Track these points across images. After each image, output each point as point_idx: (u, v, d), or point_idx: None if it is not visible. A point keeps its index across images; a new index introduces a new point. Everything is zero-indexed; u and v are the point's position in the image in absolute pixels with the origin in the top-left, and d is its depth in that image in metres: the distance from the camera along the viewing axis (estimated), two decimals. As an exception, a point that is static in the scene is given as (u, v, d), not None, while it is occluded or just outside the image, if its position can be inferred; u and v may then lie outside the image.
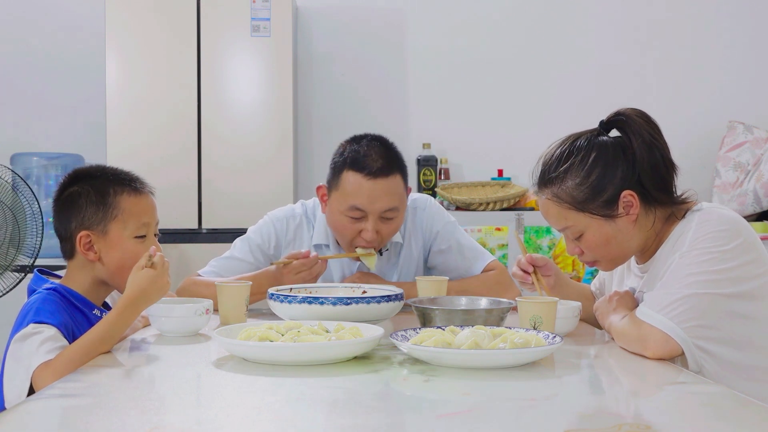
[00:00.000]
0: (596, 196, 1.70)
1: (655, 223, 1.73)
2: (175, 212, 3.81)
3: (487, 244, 3.93)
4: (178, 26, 3.88)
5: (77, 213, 1.79)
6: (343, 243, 2.26)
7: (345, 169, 2.17)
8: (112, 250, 1.79)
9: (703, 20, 4.55)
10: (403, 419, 1.16)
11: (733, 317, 1.59)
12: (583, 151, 1.72)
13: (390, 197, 2.16)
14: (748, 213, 4.03)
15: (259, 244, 2.34)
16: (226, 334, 1.54)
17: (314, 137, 4.45)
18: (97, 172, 1.85)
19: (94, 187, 1.81)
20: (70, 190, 1.82)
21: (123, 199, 1.81)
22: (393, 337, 1.51)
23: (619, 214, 1.70)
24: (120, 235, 1.79)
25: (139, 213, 1.82)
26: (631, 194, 1.69)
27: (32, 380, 1.58)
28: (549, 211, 1.77)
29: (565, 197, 1.72)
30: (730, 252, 1.59)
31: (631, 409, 1.27)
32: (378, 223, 2.18)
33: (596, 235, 1.73)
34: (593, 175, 1.70)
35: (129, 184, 1.84)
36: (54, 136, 4.36)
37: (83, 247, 1.78)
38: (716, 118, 4.41)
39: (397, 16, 4.51)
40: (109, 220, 1.79)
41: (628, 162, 1.70)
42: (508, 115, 4.50)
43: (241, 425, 1.11)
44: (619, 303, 1.76)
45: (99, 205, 1.79)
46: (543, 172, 1.77)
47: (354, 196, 2.15)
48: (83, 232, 1.77)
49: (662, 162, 1.70)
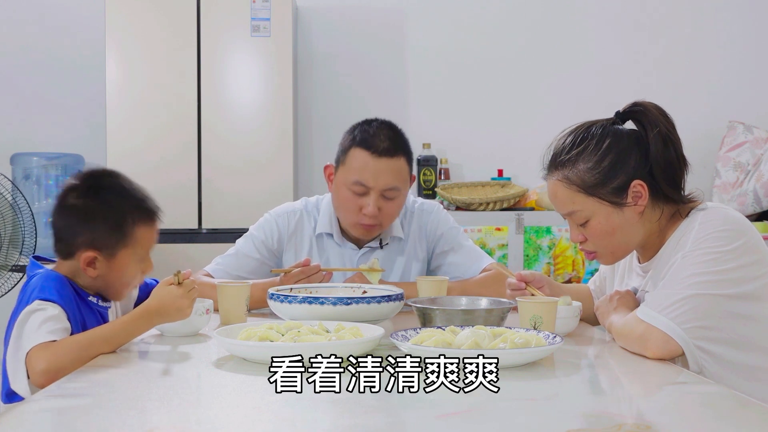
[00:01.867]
0: (607, 182, 1.70)
1: (661, 218, 1.72)
2: (175, 212, 3.80)
3: (487, 244, 3.93)
4: (178, 26, 3.88)
5: (89, 230, 1.73)
6: (347, 220, 2.30)
7: (353, 147, 2.25)
8: (114, 273, 1.76)
9: (703, 20, 4.55)
10: (403, 419, 1.16)
11: (734, 318, 1.59)
12: (597, 137, 1.72)
13: (393, 176, 2.23)
14: (748, 213, 4.02)
15: (263, 240, 2.37)
16: (226, 334, 1.54)
17: (314, 137, 4.45)
18: (119, 190, 1.78)
19: (112, 210, 1.75)
20: (88, 203, 1.75)
21: (138, 229, 1.76)
22: (393, 337, 1.51)
23: (628, 203, 1.70)
24: (127, 260, 1.76)
25: (149, 241, 1.80)
26: (641, 184, 1.69)
27: (27, 358, 1.56)
28: (557, 194, 1.76)
29: (576, 180, 1.72)
30: (732, 252, 1.59)
31: (632, 409, 1.27)
32: (379, 200, 2.24)
33: (602, 223, 1.72)
34: (606, 161, 1.70)
35: (147, 213, 1.79)
36: (54, 136, 4.36)
37: (85, 263, 1.73)
38: (716, 118, 4.41)
39: (397, 16, 4.51)
40: (120, 247, 1.75)
41: (641, 153, 1.70)
42: (508, 115, 4.50)
43: (241, 425, 1.11)
44: (620, 302, 1.76)
45: (114, 231, 1.74)
46: (554, 155, 1.76)
47: (359, 172, 2.22)
48: (90, 252, 1.73)
49: (676, 157, 1.70)
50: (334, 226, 2.37)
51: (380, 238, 2.37)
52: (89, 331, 1.63)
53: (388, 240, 2.38)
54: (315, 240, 2.38)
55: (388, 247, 2.38)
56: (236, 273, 2.32)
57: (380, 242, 2.37)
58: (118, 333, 1.62)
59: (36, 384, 1.55)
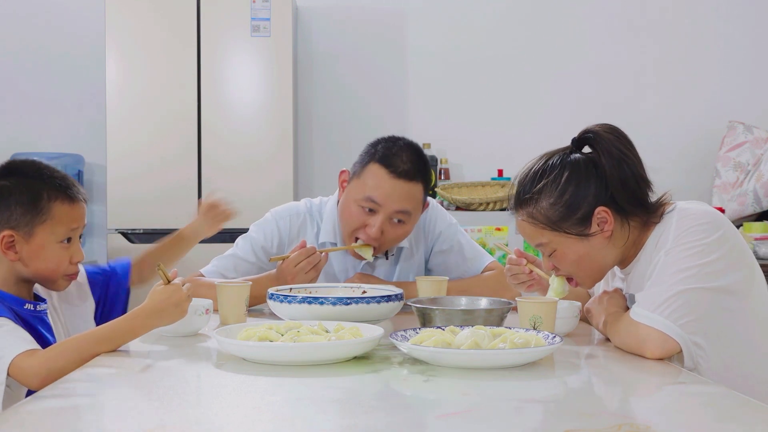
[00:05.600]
0: (570, 215, 1.70)
1: (631, 233, 1.73)
2: (175, 212, 3.80)
3: (487, 244, 3.93)
4: (178, 26, 3.88)
5: (4, 210, 1.74)
6: (346, 231, 2.26)
7: (372, 162, 2.20)
8: (34, 253, 1.75)
9: (702, 20, 4.55)
10: (403, 419, 1.16)
11: (722, 311, 1.60)
12: (556, 170, 1.73)
13: (406, 200, 2.19)
14: (748, 213, 4.03)
15: (262, 244, 2.33)
16: (226, 334, 1.54)
17: (314, 137, 4.44)
18: (32, 170, 1.79)
19: (27, 188, 1.75)
20: (3, 184, 1.76)
21: (55, 205, 1.76)
22: (393, 337, 1.51)
23: (593, 232, 1.70)
24: (46, 239, 1.75)
25: (70, 221, 1.78)
26: (605, 210, 1.69)
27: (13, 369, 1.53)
28: (525, 231, 1.78)
29: (540, 217, 1.73)
30: (714, 244, 1.61)
31: (631, 409, 1.27)
32: (386, 223, 2.19)
33: (568, 253, 1.73)
34: (566, 194, 1.70)
35: (64, 191, 1.78)
36: (54, 136, 4.36)
37: (4, 245, 1.73)
38: (716, 118, 4.41)
39: (397, 16, 4.51)
40: (37, 223, 1.74)
41: (600, 178, 1.70)
42: (508, 114, 4.51)
43: (241, 425, 1.11)
44: (610, 303, 1.76)
45: (29, 207, 1.74)
46: (518, 193, 1.78)
47: (373, 189, 2.18)
48: (7, 231, 1.73)
49: (632, 177, 1.70)
50: (338, 235, 2.32)
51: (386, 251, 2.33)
52: (85, 332, 1.62)
53: (394, 251, 2.35)
54: (317, 246, 2.31)
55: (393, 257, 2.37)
56: (232, 276, 2.27)
57: (386, 254, 2.34)
58: (111, 334, 1.59)
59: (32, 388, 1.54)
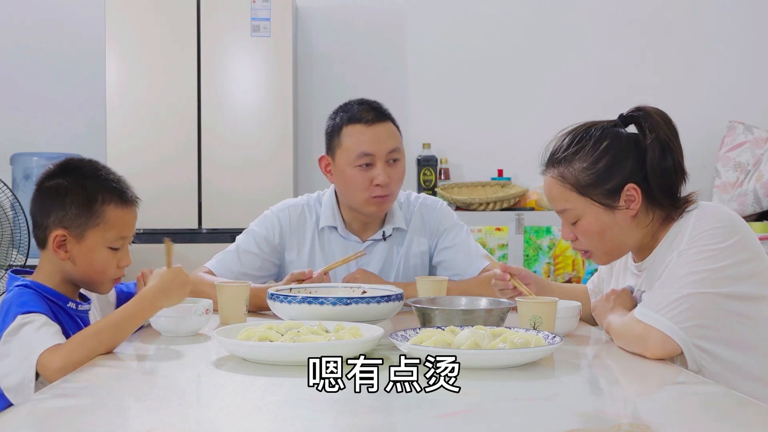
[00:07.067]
0: (600, 184, 1.70)
1: (653, 222, 1.72)
2: (175, 212, 3.81)
3: (487, 244, 3.93)
4: (178, 26, 3.88)
5: (59, 209, 1.74)
6: (358, 198, 2.29)
7: (344, 126, 2.31)
8: (84, 255, 1.75)
9: (702, 19, 4.55)
10: (403, 419, 1.16)
11: (731, 316, 1.59)
12: (595, 138, 1.73)
13: (391, 138, 2.31)
14: (748, 213, 4.03)
15: (264, 235, 2.36)
16: (226, 334, 1.54)
17: (314, 137, 4.44)
18: (90, 170, 1.80)
19: (83, 188, 1.76)
20: (58, 182, 1.77)
21: (109, 209, 1.76)
22: (393, 337, 1.51)
23: (620, 206, 1.70)
24: (96, 243, 1.75)
25: (122, 226, 1.78)
26: (635, 188, 1.69)
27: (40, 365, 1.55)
28: (551, 191, 1.77)
29: (570, 178, 1.72)
30: (727, 249, 1.59)
31: (631, 409, 1.27)
32: (386, 168, 2.27)
33: (592, 223, 1.72)
34: (601, 162, 1.70)
35: (119, 194, 1.79)
36: (54, 136, 4.36)
37: (55, 244, 1.74)
38: (716, 118, 4.41)
39: (397, 16, 4.51)
40: (89, 226, 1.75)
41: (638, 158, 1.70)
42: (508, 115, 4.50)
43: (241, 425, 1.11)
44: (617, 302, 1.76)
45: (84, 208, 1.74)
46: (552, 153, 1.78)
47: (360, 144, 2.27)
48: (60, 230, 1.74)
49: (673, 166, 1.70)
50: (338, 218, 2.37)
51: (383, 230, 2.37)
52: (96, 323, 1.63)
53: (391, 231, 2.39)
54: (317, 234, 2.38)
55: (390, 238, 2.39)
56: (237, 269, 2.32)
57: (383, 234, 2.37)
58: (123, 320, 1.60)
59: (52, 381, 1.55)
